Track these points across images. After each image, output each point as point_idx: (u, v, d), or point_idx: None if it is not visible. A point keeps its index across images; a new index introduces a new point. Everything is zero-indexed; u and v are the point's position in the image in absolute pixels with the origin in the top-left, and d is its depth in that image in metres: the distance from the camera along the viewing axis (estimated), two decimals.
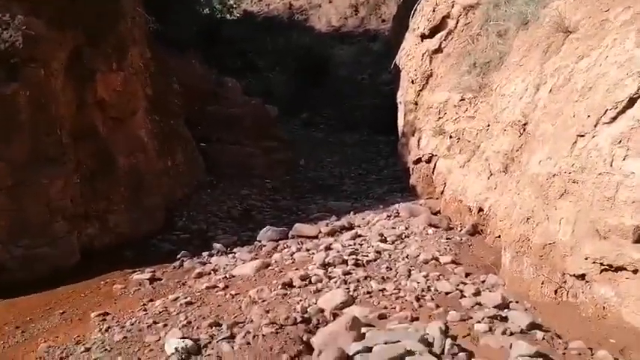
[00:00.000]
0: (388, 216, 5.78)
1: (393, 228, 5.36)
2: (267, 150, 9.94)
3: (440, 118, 6.67)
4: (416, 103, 7.21)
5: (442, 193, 6.34)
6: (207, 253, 5.37)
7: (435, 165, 6.58)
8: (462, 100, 6.39)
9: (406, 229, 5.34)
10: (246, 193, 8.00)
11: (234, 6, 21.67)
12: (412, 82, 7.26)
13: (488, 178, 5.45)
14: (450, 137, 6.42)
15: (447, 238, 5.01)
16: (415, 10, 7.64)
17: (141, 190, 6.49)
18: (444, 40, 7.03)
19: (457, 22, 6.97)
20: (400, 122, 7.76)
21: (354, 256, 4.43)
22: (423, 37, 7.25)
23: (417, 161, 6.88)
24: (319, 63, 17.28)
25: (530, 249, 3.82)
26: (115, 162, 6.25)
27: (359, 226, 5.66)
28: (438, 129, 6.61)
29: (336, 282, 3.93)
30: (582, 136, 3.63)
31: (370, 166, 10.65)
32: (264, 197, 7.96)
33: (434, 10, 7.13)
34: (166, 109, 7.92)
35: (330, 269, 4.21)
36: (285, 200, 7.87)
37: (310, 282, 3.99)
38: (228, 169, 8.98)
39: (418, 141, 6.91)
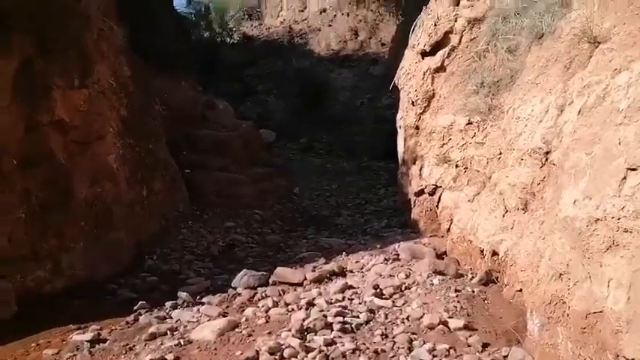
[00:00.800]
0: (386, 259, 4.83)
1: (391, 276, 4.41)
2: (258, 177, 9.07)
3: (444, 144, 5.79)
4: (417, 128, 6.34)
5: (448, 230, 5.42)
6: (170, 304, 4.43)
7: (439, 198, 5.67)
8: (468, 123, 5.53)
9: (407, 277, 4.39)
10: (230, 225, 7.09)
11: (234, 29, 21.17)
12: (412, 103, 6.41)
13: (503, 216, 4.54)
14: (457, 166, 5.52)
15: (456, 290, 4.06)
16: (415, 25, 6.84)
17: (105, 225, 5.60)
18: (447, 57, 6.19)
19: (461, 38, 6.15)
20: (400, 148, 6.88)
21: (340, 318, 3.48)
22: (424, 54, 6.42)
23: (419, 193, 5.98)
24: (318, 87, 16.57)
25: (568, 317, 2.88)
26: (74, 192, 5.37)
27: (351, 272, 4.72)
28: (442, 157, 5.72)
29: (314, 359, 2.99)
30: (634, 169, 2.73)
31: (369, 195, 9.75)
32: (250, 230, 7.04)
33: (435, 25, 6.31)
34: (145, 132, 7.09)
35: (309, 337, 3.27)
36: (274, 234, 6.95)
37: (282, 357, 3.06)
38: (214, 198, 8.10)
39: (420, 170, 6.02)
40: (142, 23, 9.12)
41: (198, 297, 4.57)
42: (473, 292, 4.08)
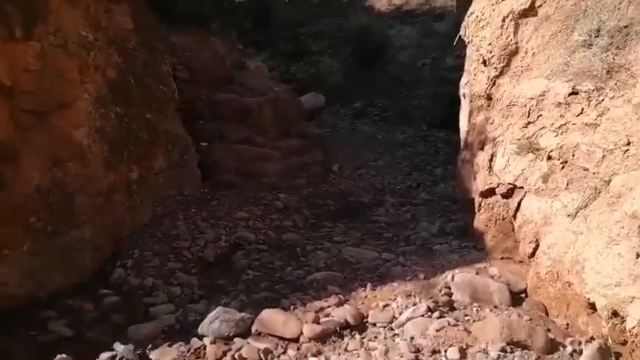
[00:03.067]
0: (430, 308, 2.93)
1: (435, 352, 2.55)
2: (290, 151, 7.31)
3: (530, 123, 3.72)
4: (489, 97, 4.26)
5: (532, 256, 3.44)
6: (108, 356, 2.87)
7: (518, 204, 3.65)
8: (573, 93, 3.41)
9: (463, 350, 2.53)
10: (243, 216, 5.43)
11: None
12: (484, 62, 4.30)
13: (638, 257, 2.53)
14: (549, 158, 3.46)
15: None
16: None
17: (63, 220, 4.11)
18: None
19: None
20: (463, 125, 4.83)
21: None
22: None
23: (488, 193, 3.98)
24: (376, 46, 14.33)
25: None
26: (20, 178, 3.89)
27: (374, 325, 2.90)
28: (525, 143, 3.66)
29: None
30: None
31: (423, 175, 7.75)
32: (265, 224, 5.35)
33: None
34: (144, 98, 5.47)
35: None
36: (293, 231, 5.21)
37: None
38: (233, 176, 6.46)
39: (490, 160, 3.98)
40: None
41: (148, 347, 2.97)
42: None
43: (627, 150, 2.96)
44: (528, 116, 3.72)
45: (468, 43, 4.69)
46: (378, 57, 14.45)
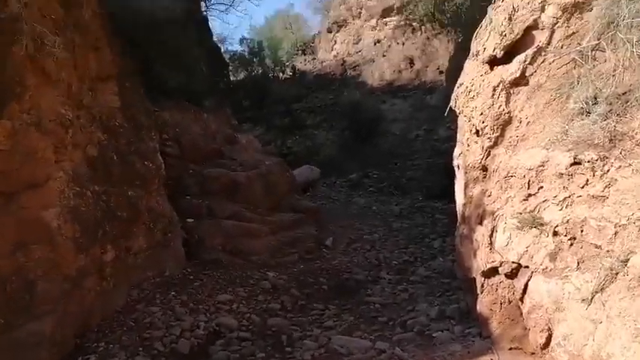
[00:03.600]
0: None
1: None
2: (280, 226, 6.94)
3: (531, 195, 3.39)
4: (484, 169, 3.98)
5: (545, 347, 2.97)
6: None
7: (526, 286, 3.23)
8: (575, 164, 3.11)
9: None
10: (226, 298, 4.96)
11: (287, 64, 19.65)
12: (477, 133, 4.06)
13: None
14: (555, 234, 3.09)
15: None
16: (480, 27, 4.52)
17: (22, 311, 3.66)
18: (530, 63, 3.85)
19: (552, 34, 3.79)
20: (459, 197, 4.51)
21: None
22: (493, 62, 4.10)
23: (490, 272, 3.56)
24: (370, 119, 14.43)
25: None
26: None
27: None
28: (528, 217, 3.31)
29: None
30: None
31: (420, 248, 7.32)
32: (250, 308, 4.86)
33: (510, 19, 3.98)
34: (126, 175, 5.20)
35: None
36: (280, 315, 4.72)
37: None
38: (219, 254, 6.04)
39: (491, 235, 3.61)
40: (157, 53, 7.50)
41: None
42: None
43: None
44: (528, 188, 3.40)
45: (459, 113, 4.48)
46: (371, 130, 14.49)
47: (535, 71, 3.88)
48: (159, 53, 7.50)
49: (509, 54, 4.05)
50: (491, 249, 3.54)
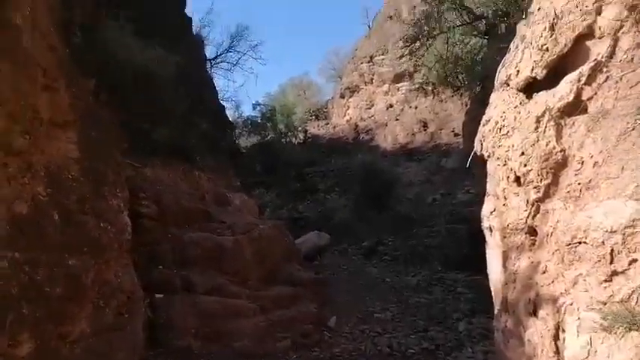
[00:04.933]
0: None
1: None
2: (273, 302, 5.61)
3: (617, 273, 2.08)
4: (532, 231, 2.69)
5: None
6: None
7: None
8: None
9: None
10: None
11: (300, 129, 19.05)
12: (517, 181, 2.81)
13: None
14: None
15: None
16: (508, 53, 3.41)
17: None
18: (587, 83, 2.66)
19: (615, 43, 2.63)
20: (495, 272, 3.16)
21: None
22: (532, 86, 2.93)
23: None
24: (383, 183, 13.31)
25: None
26: None
27: None
28: (619, 310, 1.98)
29: None
30: None
31: (442, 331, 5.85)
32: None
33: (552, 29, 2.87)
34: (71, 240, 4.06)
35: None
36: None
37: None
38: (191, 341, 4.70)
39: (555, 336, 2.26)
40: (143, 106, 6.68)
41: None
42: None
43: None
44: (612, 262, 2.10)
45: (488, 157, 3.27)
46: (385, 194, 13.35)
47: (595, 94, 2.68)
48: (145, 105, 6.66)
49: (553, 74, 2.90)
50: (557, 355, 2.18)
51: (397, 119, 16.72)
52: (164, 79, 7.00)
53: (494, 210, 3.14)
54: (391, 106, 17.77)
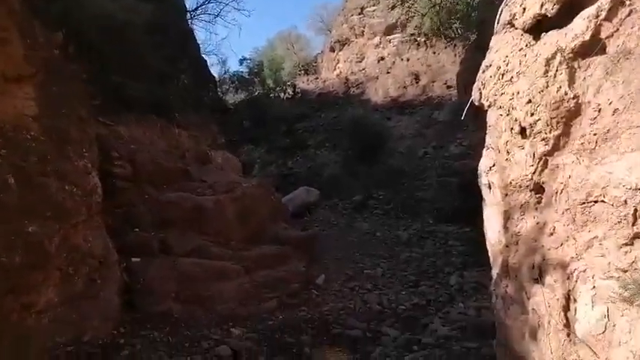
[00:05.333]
0: None
1: None
2: (258, 262, 5.33)
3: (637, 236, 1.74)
4: (539, 188, 2.34)
5: None
6: None
7: None
8: None
9: None
10: None
11: (289, 84, 18.32)
12: (522, 132, 2.43)
13: None
14: None
15: None
16: None
17: None
18: (607, 19, 2.22)
19: None
20: (492, 231, 2.83)
21: None
22: (538, 25, 2.49)
23: None
24: (374, 137, 12.89)
25: None
26: None
27: None
28: (636, 277, 1.66)
29: None
30: None
31: (434, 285, 5.66)
32: None
33: None
34: (31, 204, 3.68)
35: None
36: None
37: None
38: (171, 305, 4.44)
39: (566, 305, 1.96)
40: (116, 59, 6.11)
41: None
42: None
43: None
44: (634, 223, 1.76)
45: (488, 107, 2.87)
46: (376, 148, 12.98)
47: (616, 30, 2.26)
48: (118, 58, 6.09)
49: (567, 10, 2.46)
50: (569, 334, 1.88)
51: (388, 72, 16.05)
52: (137, 29, 6.38)
53: (495, 165, 2.78)
54: (382, 58, 17.03)
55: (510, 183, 2.50)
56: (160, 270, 4.56)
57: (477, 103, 3.05)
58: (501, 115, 2.69)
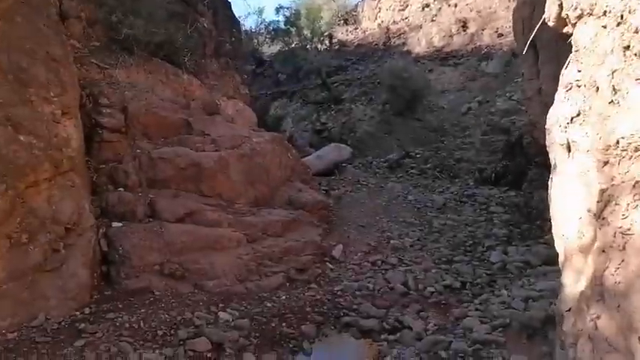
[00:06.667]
0: None
1: None
2: (263, 231, 4.43)
3: None
4: None
5: None
6: None
7: None
8: None
9: None
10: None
11: (326, 35, 16.80)
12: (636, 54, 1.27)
13: None
14: None
15: None
16: None
17: None
18: None
19: None
20: (567, 219, 1.71)
21: None
22: None
23: None
24: (413, 91, 11.48)
25: None
26: None
27: None
28: None
29: None
30: None
31: (470, 262, 4.58)
32: None
33: None
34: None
35: None
36: None
37: None
38: (151, 279, 3.64)
39: None
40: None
41: None
42: None
43: None
44: None
45: (578, 20, 1.68)
46: (415, 103, 11.60)
47: None
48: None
49: None
50: None
51: (433, 20, 14.21)
52: None
53: (582, 114, 1.62)
54: (427, 5, 15.10)
55: (617, 143, 1.36)
56: (143, 238, 3.75)
57: (551, 23, 1.86)
58: (605, 27, 1.50)
